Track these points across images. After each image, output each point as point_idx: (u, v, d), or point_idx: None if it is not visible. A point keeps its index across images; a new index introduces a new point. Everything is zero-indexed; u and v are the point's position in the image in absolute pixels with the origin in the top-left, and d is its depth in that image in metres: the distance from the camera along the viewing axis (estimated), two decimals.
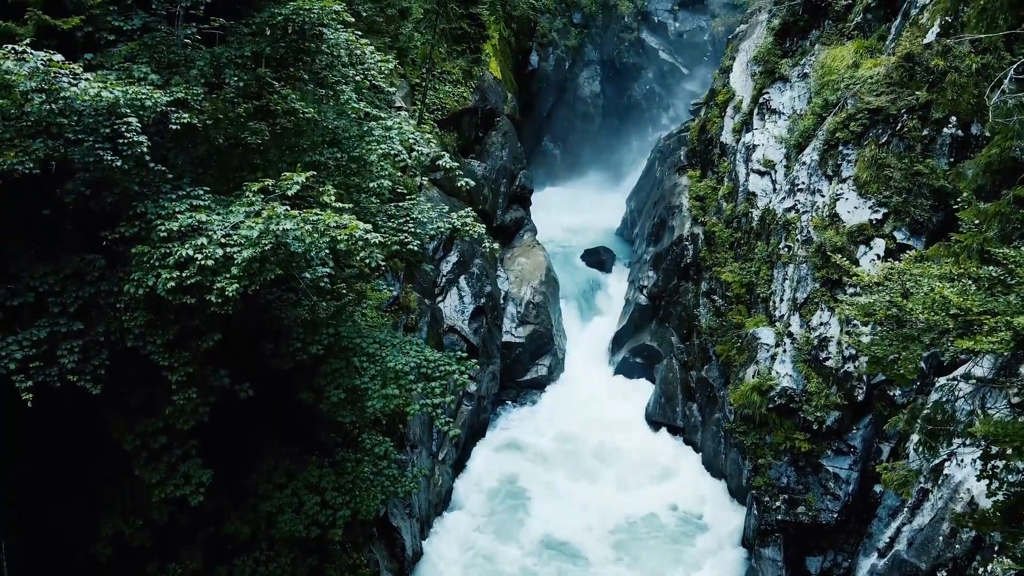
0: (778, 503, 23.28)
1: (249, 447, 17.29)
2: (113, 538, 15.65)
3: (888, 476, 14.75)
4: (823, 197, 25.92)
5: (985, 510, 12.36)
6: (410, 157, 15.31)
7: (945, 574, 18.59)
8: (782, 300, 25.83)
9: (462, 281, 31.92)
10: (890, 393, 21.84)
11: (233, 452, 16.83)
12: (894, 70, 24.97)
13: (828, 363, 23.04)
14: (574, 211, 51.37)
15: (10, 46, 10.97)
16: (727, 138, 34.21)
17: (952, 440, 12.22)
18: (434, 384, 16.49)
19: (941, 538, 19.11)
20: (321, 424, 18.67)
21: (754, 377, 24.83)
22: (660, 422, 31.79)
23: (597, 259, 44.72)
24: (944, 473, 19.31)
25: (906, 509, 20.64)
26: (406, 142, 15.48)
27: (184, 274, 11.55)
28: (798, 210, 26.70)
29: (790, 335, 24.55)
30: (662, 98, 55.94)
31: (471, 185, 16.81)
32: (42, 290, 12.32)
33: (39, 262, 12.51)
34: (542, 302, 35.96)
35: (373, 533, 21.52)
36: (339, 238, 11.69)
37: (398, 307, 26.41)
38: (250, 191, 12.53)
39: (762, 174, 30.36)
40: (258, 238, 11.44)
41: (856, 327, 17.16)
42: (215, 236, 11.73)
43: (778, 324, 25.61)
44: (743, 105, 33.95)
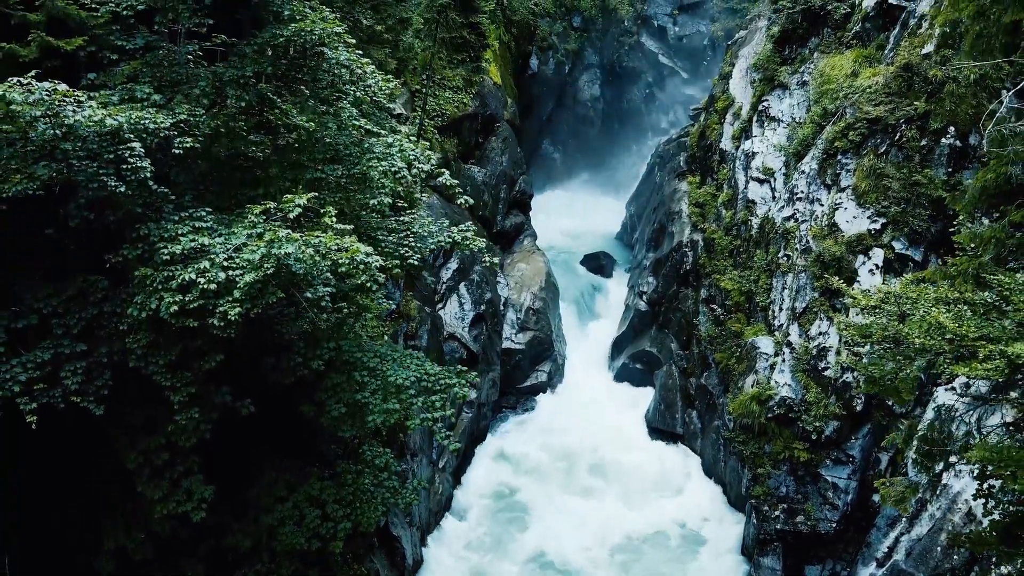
0: (777, 512, 23.38)
1: (250, 460, 17.36)
2: (115, 551, 15.75)
3: (886, 491, 14.84)
4: (822, 206, 26.01)
5: (982, 529, 12.45)
6: (411, 173, 15.40)
7: None
8: (781, 309, 25.92)
9: (462, 288, 31.98)
10: (888, 403, 21.93)
11: (234, 466, 16.90)
12: (893, 80, 25.07)
13: (827, 373, 23.14)
14: (574, 214, 51.50)
15: (16, 79, 11.05)
16: (726, 145, 34.30)
17: (948, 460, 12.29)
18: (434, 398, 16.55)
19: (939, 548, 19.19)
20: (322, 436, 18.75)
21: (753, 386, 24.92)
22: (660, 429, 31.86)
23: (597, 264, 44.83)
24: (942, 484, 19.42)
25: (904, 519, 20.72)
26: (407, 158, 15.57)
27: (187, 298, 11.63)
28: (797, 219, 26.79)
29: (789, 344, 24.64)
30: (662, 102, 56.06)
31: (470, 203, 16.90)
32: (46, 312, 12.40)
33: (43, 283, 12.59)
34: (542, 308, 36.02)
35: (374, 543, 21.59)
36: (340, 261, 11.78)
37: (398, 315, 26.48)
38: (252, 213, 12.61)
39: (761, 182, 30.45)
40: (260, 261, 11.53)
41: (854, 342, 17.23)
42: (217, 259, 11.81)
43: (777, 333, 25.70)
44: (742, 112, 34.04)
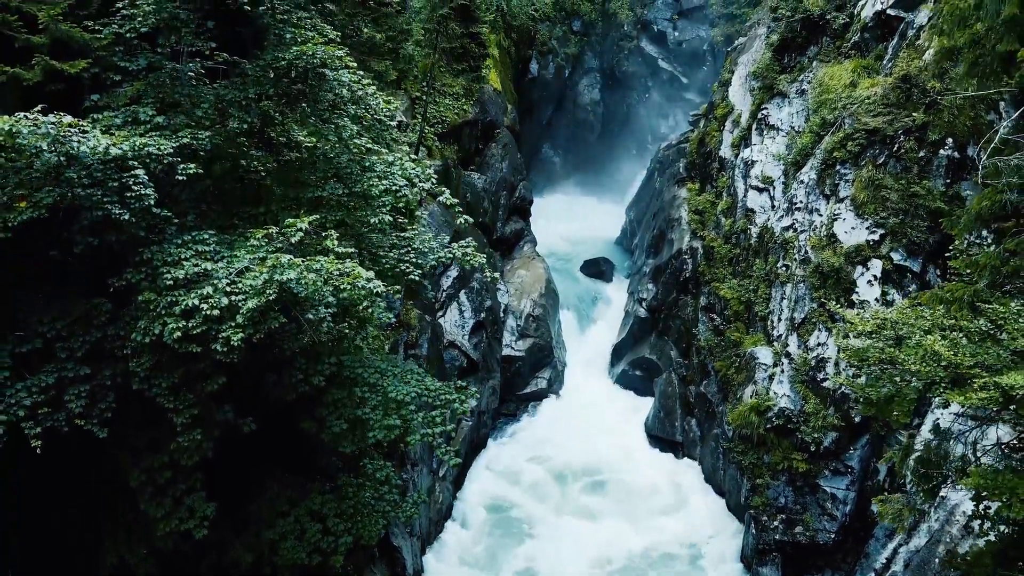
0: (776, 523, 23.49)
1: (251, 475, 17.44)
2: (118, 566, 15.84)
3: (883, 508, 14.96)
4: (821, 216, 26.11)
5: (977, 550, 12.55)
6: (411, 192, 15.50)
7: None
8: (780, 319, 26.02)
9: (462, 296, 32.06)
10: None
11: (235, 481, 16.99)
12: (891, 91, 25.17)
13: (825, 384, 23.24)
14: (574, 219, 51.56)
15: (23, 114, 11.14)
16: (726, 152, 34.39)
17: (945, 482, 12.40)
18: (435, 413, 16.67)
19: (937, 560, 19.26)
20: (323, 449, 18.83)
21: (752, 397, 25.02)
22: (659, 437, 31.96)
23: (597, 270, 44.92)
24: (940, 496, 19.52)
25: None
26: (407, 175, 15.67)
27: (190, 324, 11.73)
28: (796, 229, 26.89)
29: (788, 355, 24.74)
30: (661, 106, 56.13)
31: (470, 222, 17.01)
32: (50, 335, 12.48)
33: (47, 306, 12.68)
34: (542, 315, 36.11)
35: (375, 554, 21.68)
36: (342, 287, 11.88)
37: (399, 325, 26.56)
38: (255, 237, 12.71)
39: (760, 190, 30.55)
40: (263, 287, 11.63)
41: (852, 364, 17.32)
42: (220, 284, 11.91)
43: (776, 344, 25.79)
44: (742, 119, 34.11)
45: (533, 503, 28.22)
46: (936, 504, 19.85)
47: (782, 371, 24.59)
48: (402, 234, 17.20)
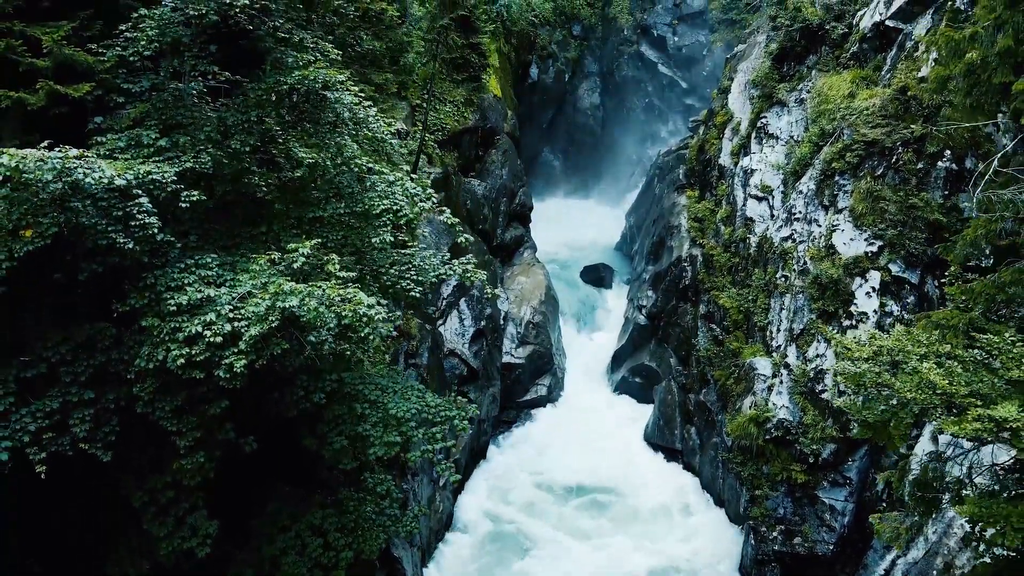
0: (775, 534, 23.60)
1: (252, 490, 17.56)
2: None
3: (880, 527, 15.05)
4: (819, 227, 26.21)
5: (975, 568, 12.67)
6: (412, 211, 15.60)
7: None
8: (779, 330, 26.12)
9: (463, 304, 32.16)
10: None
11: (237, 496, 17.10)
12: (889, 102, 25.26)
13: (824, 395, 23.34)
14: (573, 223, 51.69)
15: (29, 150, 11.24)
16: (725, 160, 34.49)
17: (941, 505, 12.53)
18: (435, 430, 16.78)
19: (935, 572, 19.38)
20: (323, 463, 18.93)
21: (751, 408, 25.13)
22: (659, 444, 32.08)
23: (596, 276, 45.04)
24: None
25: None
26: (408, 194, 15.78)
27: (193, 351, 11.84)
28: (795, 239, 26.99)
29: (787, 366, 24.84)
30: (661, 111, 56.23)
31: (471, 241, 17.11)
32: (54, 360, 12.59)
33: (51, 328, 12.78)
34: (542, 322, 36.22)
35: (375, 565, 21.73)
36: (344, 314, 11.98)
37: (399, 334, 26.66)
38: (257, 263, 12.81)
39: (760, 199, 30.64)
40: (265, 313, 11.74)
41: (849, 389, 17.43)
42: (223, 311, 12.01)
43: (775, 354, 25.89)
44: (741, 127, 34.22)
45: (532, 519, 28.06)
46: (934, 516, 19.98)
47: (781, 382, 24.70)
48: (403, 251, 17.30)
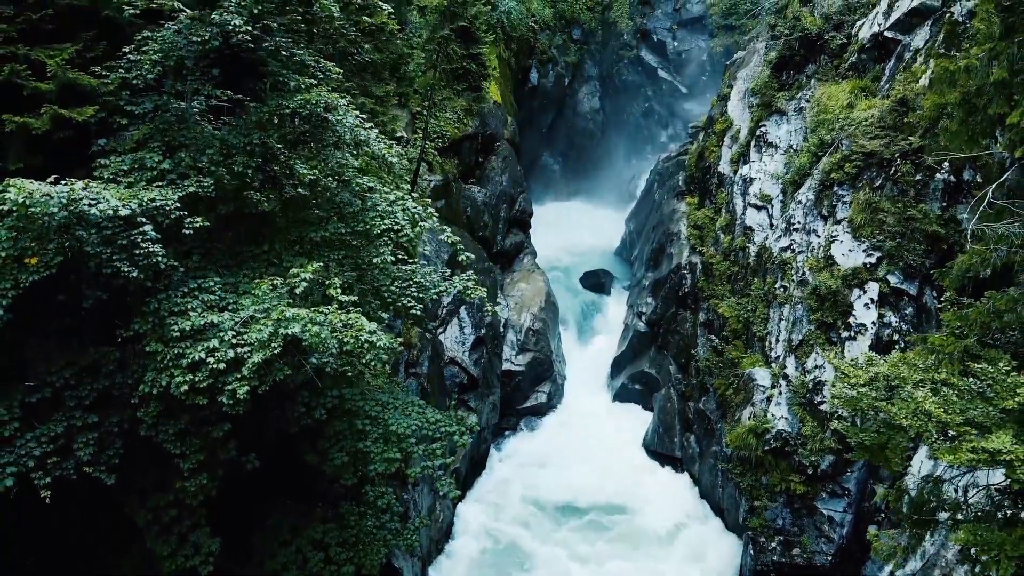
0: (774, 544, 23.71)
1: (254, 505, 17.67)
2: None
3: (878, 544, 15.16)
4: (818, 238, 26.31)
5: None
6: (412, 231, 15.72)
7: None
8: (778, 341, 26.23)
9: (463, 312, 32.25)
10: None
11: (238, 511, 17.22)
12: (888, 114, 25.36)
13: (823, 407, 23.44)
14: (573, 227, 51.69)
15: (36, 184, 11.33)
16: (724, 168, 34.58)
17: (936, 529, 12.66)
18: (435, 446, 16.93)
19: None
20: (324, 476, 19.05)
21: (750, 419, 25.23)
22: (658, 452, 32.17)
23: (596, 281, 45.11)
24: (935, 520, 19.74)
25: (901, 545, 21.04)
26: (409, 214, 15.90)
27: (196, 377, 11.96)
28: (794, 250, 27.09)
29: (785, 377, 24.94)
30: (660, 115, 56.32)
31: (472, 259, 17.24)
32: (58, 384, 12.71)
33: (56, 354, 12.90)
34: (542, 329, 36.31)
35: None
36: (346, 340, 12.09)
37: (400, 344, 26.73)
38: (259, 289, 12.92)
39: (759, 208, 30.74)
40: (268, 339, 11.86)
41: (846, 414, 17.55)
42: (226, 337, 12.13)
43: (774, 365, 26.00)
44: (740, 135, 34.31)
45: (530, 535, 27.97)
46: (932, 528, 20.09)
47: (780, 393, 24.81)
48: (403, 267, 17.41)
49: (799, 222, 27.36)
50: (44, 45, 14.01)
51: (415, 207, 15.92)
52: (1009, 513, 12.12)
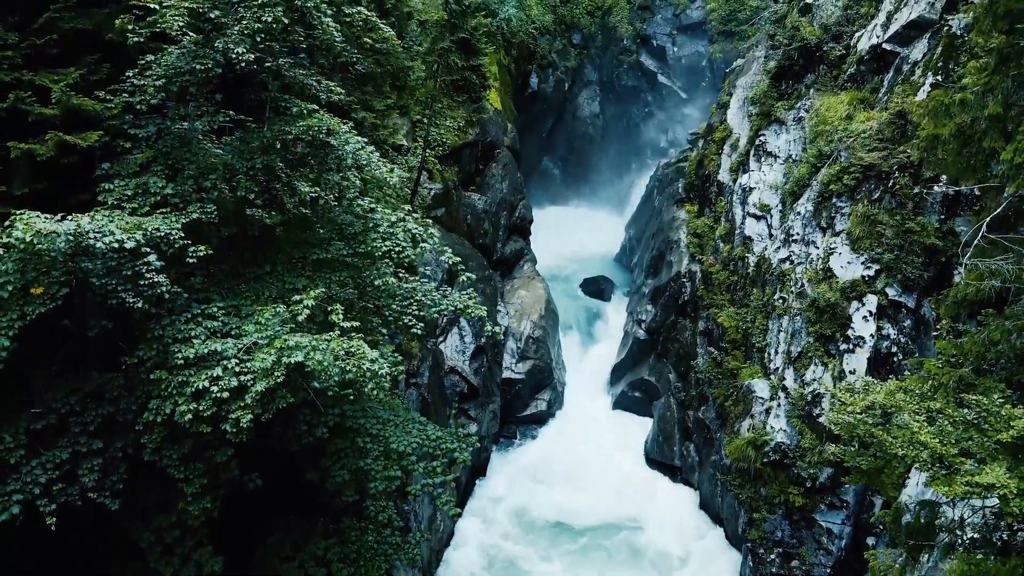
0: (773, 556, 23.84)
1: (256, 523, 17.79)
2: None
3: (875, 564, 15.29)
4: (817, 249, 26.42)
5: None
6: (414, 252, 15.84)
7: None
8: (777, 352, 26.34)
9: (463, 321, 32.31)
10: None
11: (241, 529, 17.33)
12: (886, 126, 25.46)
13: (821, 419, 23.56)
14: (573, 232, 51.75)
15: (42, 221, 11.44)
16: (724, 177, 34.69)
17: (933, 552, 12.79)
18: (435, 463, 17.03)
19: None
20: (325, 492, 19.17)
21: (749, 431, 25.35)
22: (658, 461, 32.30)
23: (596, 288, 45.22)
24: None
25: (897, 566, 21.19)
26: (409, 235, 16.01)
27: (200, 406, 12.07)
28: (793, 261, 27.21)
29: (784, 389, 25.06)
30: (660, 121, 56.39)
31: (472, 279, 17.37)
32: (63, 411, 12.82)
33: (61, 381, 13.02)
34: (542, 336, 36.41)
35: None
36: (348, 368, 12.22)
37: (400, 355, 26.82)
38: (262, 316, 13.04)
39: (758, 218, 30.85)
40: (271, 368, 11.97)
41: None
42: (229, 365, 12.25)
43: (773, 377, 26.11)
44: (740, 144, 34.42)
45: (528, 550, 27.99)
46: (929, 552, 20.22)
47: (779, 405, 24.92)
48: (404, 284, 17.52)
49: (798, 233, 27.47)
50: (48, 69, 14.11)
51: (416, 228, 16.04)
52: (1005, 535, 12.25)
